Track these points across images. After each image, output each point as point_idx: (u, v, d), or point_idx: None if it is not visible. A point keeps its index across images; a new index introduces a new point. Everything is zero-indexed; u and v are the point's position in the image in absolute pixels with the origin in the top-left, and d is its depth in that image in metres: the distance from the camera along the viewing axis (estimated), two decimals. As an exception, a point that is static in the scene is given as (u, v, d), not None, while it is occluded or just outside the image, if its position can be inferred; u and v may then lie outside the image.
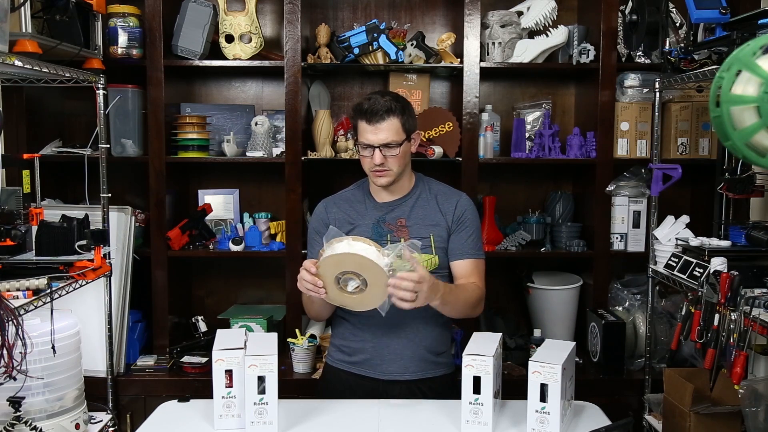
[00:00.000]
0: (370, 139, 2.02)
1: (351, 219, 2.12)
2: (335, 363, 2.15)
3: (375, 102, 2.02)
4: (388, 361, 2.06)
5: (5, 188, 2.29)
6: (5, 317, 1.72)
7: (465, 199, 2.16)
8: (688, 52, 2.31)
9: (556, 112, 3.23)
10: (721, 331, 1.80)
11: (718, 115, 1.51)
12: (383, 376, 2.07)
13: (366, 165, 2.07)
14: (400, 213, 2.11)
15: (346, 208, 2.15)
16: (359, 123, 2.05)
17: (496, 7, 3.03)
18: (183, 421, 1.88)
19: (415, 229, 2.08)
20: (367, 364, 2.08)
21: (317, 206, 2.21)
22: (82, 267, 2.24)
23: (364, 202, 2.15)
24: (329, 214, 2.15)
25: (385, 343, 2.06)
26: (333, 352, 2.18)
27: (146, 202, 2.98)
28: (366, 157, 2.05)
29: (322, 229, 2.07)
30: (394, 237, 2.07)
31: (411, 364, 2.07)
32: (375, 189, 2.14)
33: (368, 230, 2.08)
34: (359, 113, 2.04)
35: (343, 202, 2.18)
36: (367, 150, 2.04)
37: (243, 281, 3.29)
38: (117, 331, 2.77)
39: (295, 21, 2.83)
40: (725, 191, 2.31)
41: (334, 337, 2.19)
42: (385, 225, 2.09)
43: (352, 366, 2.11)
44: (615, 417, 1.86)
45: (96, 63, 2.58)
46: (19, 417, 2.04)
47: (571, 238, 3.01)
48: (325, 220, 2.14)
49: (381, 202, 2.13)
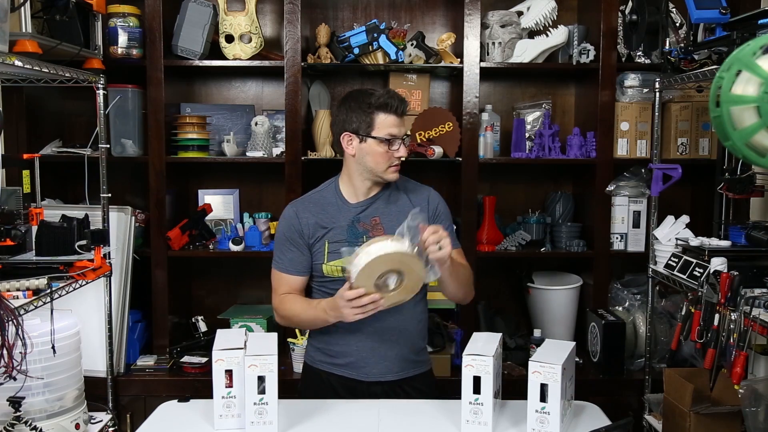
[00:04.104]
0: (395, 132, 1.99)
1: (323, 222, 2.06)
2: (315, 363, 2.12)
3: (393, 94, 2.01)
4: (371, 363, 2.05)
5: (5, 188, 2.28)
6: (5, 317, 1.72)
7: (434, 192, 2.18)
8: (688, 52, 2.31)
9: (556, 112, 3.23)
10: (721, 331, 1.80)
11: (718, 115, 1.51)
12: (366, 378, 2.06)
13: (383, 160, 2.00)
14: (373, 211, 2.07)
15: (317, 212, 2.07)
16: (380, 116, 1.98)
17: (496, 7, 3.03)
18: (183, 421, 1.88)
19: (391, 226, 2.03)
20: (351, 366, 2.06)
21: (286, 211, 2.11)
22: (82, 267, 2.24)
23: (336, 204, 2.08)
24: (300, 219, 2.06)
25: (369, 345, 2.04)
26: (312, 352, 2.14)
27: (146, 202, 2.98)
28: (386, 151, 1.99)
29: (294, 235, 2.04)
30: (369, 236, 2.03)
31: (394, 365, 2.06)
32: (348, 190, 2.09)
33: (343, 232, 2.04)
34: (381, 107, 1.98)
35: (313, 206, 2.09)
36: (394, 144, 1.99)
37: (243, 281, 3.29)
38: (117, 331, 2.77)
39: (295, 21, 2.83)
40: (725, 191, 2.31)
41: (313, 339, 2.15)
42: (359, 225, 2.06)
43: (334, 367, 2.08)
44: (615, 417, 1.86)
45: (96, 63, 2.59)
46: (19, 417, 2.04)
47: (571, 238, 3.01)
48: (296, 226, 2.06)
49: (354, 203, 2.08)
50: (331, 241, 2.04)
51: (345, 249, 1.91)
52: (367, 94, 2.02)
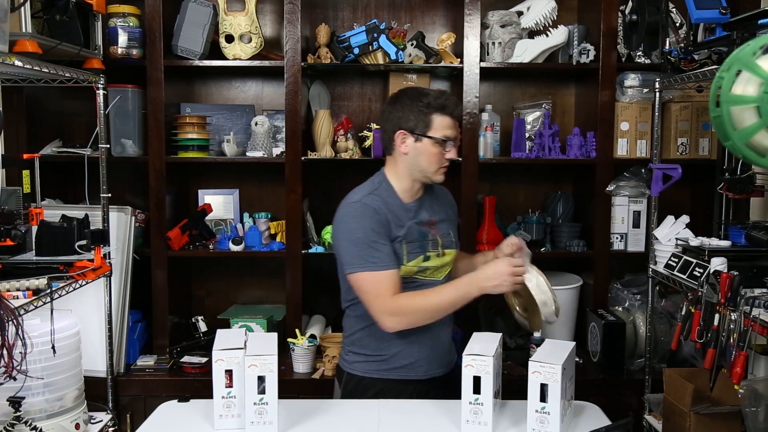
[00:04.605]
0: (450, 134, 2.01)
1: (396, 221, 2.01)
2: (368, 373, 2.06)
3: (449, 97, 2.03)
4: (429, 360, 2.07)
5: (5, 188, 2.28)
6: (5, 317, 1.72)
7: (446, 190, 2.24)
8: (688, 52, 2.31)
9: (556, 112, 3.23)
10: (721, 331, 1.80)
11: (718, 115, 1.52)
12: (424, 375, 2.07)
13: (435, 161, 2.01)
14: (426, 212, 2.09)
15: (388, 211, 2.01)
16: (436, 117, 1.99)
17: (496, 7, 3.03)
18: (183, 421, 1.88)
19: (442, 225, 2.09)
20: (409, 367, 2.06)
21: (364, 207, 1.98)
22: (82, 267, 2.24)
23: (397, 204, 2.04)
24: (384, 215, 1.98)
25: (429, 345, 2.07)
26: (360, 363, 2.08)
27: (146, 202, 2.98)
28: (440, 152, 2.01)
29: (383, 229, 1.96)
30: (433, 238, 2.06)
31: (443, 358, 2.12)
32: (401, 189, 2.05)
33: (414, 233, 2.02)
34: (439, 108, 1.99)
35: (383, 203, 2.01)
36: (447, 145, 2.01)
37: (243, 281, 3.29)
38: (117, 331, 2.77)
39: (295, 21, 2.82)
40: (725, 191, 2.31)
41: (362, 348, 2.08)
42: (422, 226, 2.06)
43: (389, 372, 2.06)
44: (615, 417, 1.86)
45: (96, 63, 2.59)
46: (19, 417, 2.04)
47: (571, 238, 3.01)
48: (383, 221, 1.97)
49: (408, 203, 2.06)
50: (408, 241, 2.02)
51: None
52: (423, 93, 2.02)
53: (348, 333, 2.13)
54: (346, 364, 2.12)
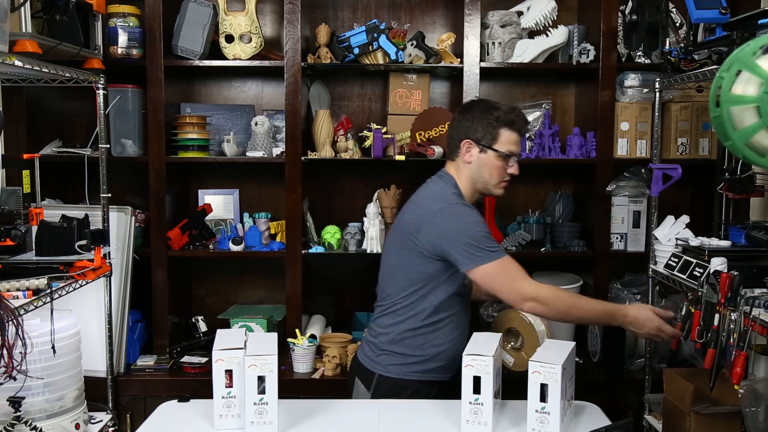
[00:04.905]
0: (515, 149, 2.07)
1: None
2: (404, 375, 2.08)
3: (519, 113, 2.08)
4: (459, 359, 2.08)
5: (5, 188, 2.28)
6: (5, 317, 1.72)
7: None
8: (688, 52, 2.31)
9: (556, 112, 3.23)
10: (721, 331, 1.80)
11: (718, 115, 1.52)
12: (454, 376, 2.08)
13: (497, 174, 2.08)
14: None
15: None
16: (504, 132, 2.06)
17: (496, 7, 3.03)
18: (183, 421, 1.88)
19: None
20: (444, 369, 2.10)
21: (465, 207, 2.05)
22: (82, 267, 2.25)
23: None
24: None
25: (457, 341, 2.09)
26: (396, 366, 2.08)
27: (146, 202, 2.98)
28: (502, 166, 2.07)
29: None
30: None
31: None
32: (468, 196, 2.12)
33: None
34: (508, 123, 2.05)
35: None
36: (510, 159, 2.07)
37: (243, 281, 3.29)
38: (117, 331, 2.77)
39: (295, 21, 2.83)
40: (725, 191, 2.31)
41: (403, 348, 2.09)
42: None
43: (424, 374, 2.08)
44: (615, 417, 1.87)
45: (96, 63, 2.59)
46: (19, 417, 2.04)
47: (571, 238, 3.01)
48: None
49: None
50: None
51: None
52: (494, 107, 2.08)
53: (387, 333, 2.11)
54: (377, 366, 2.11)
